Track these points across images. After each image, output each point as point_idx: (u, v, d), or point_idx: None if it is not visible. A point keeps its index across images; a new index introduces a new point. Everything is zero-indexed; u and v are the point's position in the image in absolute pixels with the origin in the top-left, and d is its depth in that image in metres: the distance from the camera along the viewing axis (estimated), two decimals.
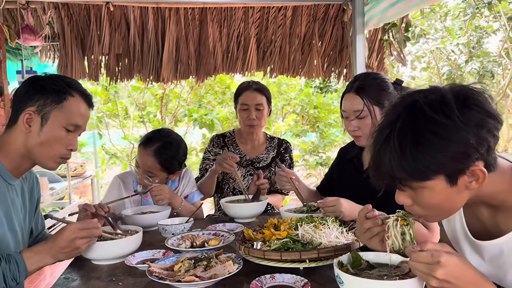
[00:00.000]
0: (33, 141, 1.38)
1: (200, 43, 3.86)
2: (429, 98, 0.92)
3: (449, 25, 6.97)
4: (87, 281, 1.33)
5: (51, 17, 3.60)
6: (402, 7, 2.88)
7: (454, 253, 0.93)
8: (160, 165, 2.03)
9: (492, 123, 0.90)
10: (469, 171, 0.92)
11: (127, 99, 6.42)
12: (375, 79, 1.78)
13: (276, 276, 1.24)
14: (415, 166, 0.91)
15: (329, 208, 1.60)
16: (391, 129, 0.94)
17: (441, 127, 0.89)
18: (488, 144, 0.90)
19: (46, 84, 1.41)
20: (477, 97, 0.91)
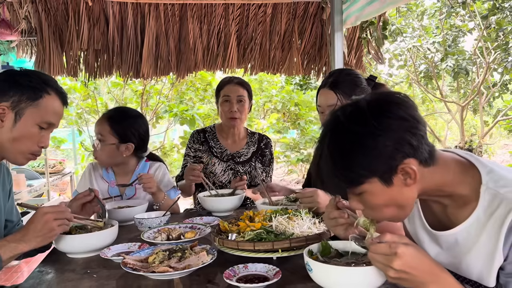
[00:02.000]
0: (5, 136, 1.37)
1: (180, 39, 3.85)
2: (347, 111, 1.02)
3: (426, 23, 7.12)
4: (62, 273, 1.34)
5: (28, 11, 3.54)
6: (378, 6, 2.94)
7: (411, 244, 0.98)
8: (110, 127, 2.06)
9: (407, 124, 0.97)
10: (400, 170, 0.98)
11: (107, 95, 6.36)
12: (349, 74, 1.83)
13: (249, 266, 1.27)
14: (346, 174, 1.00)
15: (306, 198, 1.64)
16: (322, 146, 1.04)
17: (359, 136, 0.97)
18: (409, 143, 0.97)
19: (22, 80, 1.40)
20: (391, 104, 1.00)
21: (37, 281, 1.29)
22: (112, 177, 2.19)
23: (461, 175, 1.05)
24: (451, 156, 1.09)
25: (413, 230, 1.23)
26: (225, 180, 2.46)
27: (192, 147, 2.52)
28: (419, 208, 1.19)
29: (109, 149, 2.06)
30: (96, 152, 2.09)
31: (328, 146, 1.02)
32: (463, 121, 8.51)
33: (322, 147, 1.04)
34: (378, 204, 1.03)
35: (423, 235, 1.18)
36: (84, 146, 6.16)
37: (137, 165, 2.22)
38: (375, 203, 1.03)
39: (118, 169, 2.20)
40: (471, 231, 1.02)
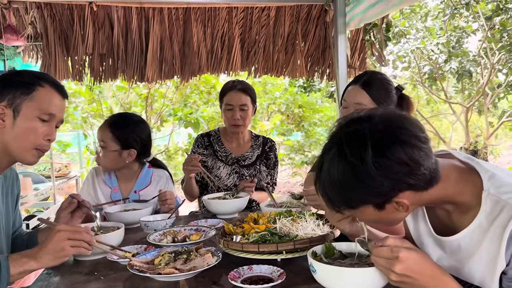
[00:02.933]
0: (9, 136, 1.39)
1: (184, 43, 3.88)
2: (350, 134, 1.00)
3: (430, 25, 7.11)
4: (69, 275, 1.36)
5: (34, 16, 3.58)
6: (382, 8, 2.95)
7: (413, 248, 0.99)
8: (112, 134, 2.08)
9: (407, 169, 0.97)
10: (393, 201, 1.00)
11: (112, 99, 6.40)
12: (382, 79, 1.84)
13: (253, 267, 1.29)
14: (342, 199, 1.03)
15: (311, 196, 1.65)
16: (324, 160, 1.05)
17: (358, 172, 0.97)
18: (407, 183, 0.98)
19: (13, 78, 1.42)
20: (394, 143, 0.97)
21: (45, 283, 1.31)
22: (115, 182, 2.20)
23: (462, 184, 1.05)
24: (451, 165, 1.09)
25: (417, 235, 1.24)
26: (230, 184, 2.47)
27: (196, 151, 2.54)
28: (425, 213, 1.20)
29: (111, 155, 2.09)
30: (99, 158, 2.11)
31: (328, 171, 1.02)
32: (468, 122, 8.48)
33: (322, 169, 1.05)
34: (373, 220, 1.09)
35: (428, 240, 1.19)
36: (89, 150, 6.20)
37: (140, 171, 2.23)
38: (370, 219, 1.09)
39: (121, 174, 2.22)
40: (473, 237, 1.03)
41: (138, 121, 2.21)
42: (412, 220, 1.25)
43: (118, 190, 2.18)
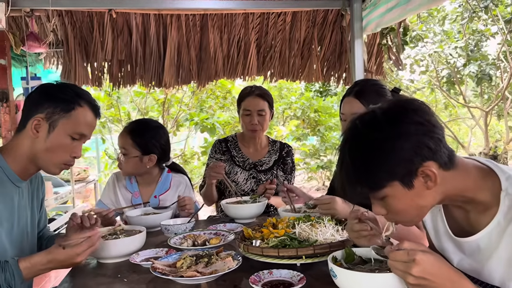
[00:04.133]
0: (39, 147, 1.43)
1: (201, 49, 3.93)
2: (364, 119, 1.06)
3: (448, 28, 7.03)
4: (94, 277, 1.40)
5: (55, 24, 3.67)
6: (399, 12, 2.94)
7: (429, 251, 0.99)
8: (132, 141, 2.12)
9: (424, 129, 1.00)
10: (420, 173, 1.00)
11: (130, 104, 6.50)
12: (374, 85, 1.85)
13: (273, 272, 1.30)
14: (368, 179, 1.04)
15: (324, 205, 1.66)
16: (342, 154, 1.08)
17: (377, 141, 1.01)
18: (427, 146, 0.99)
19: (56, 93, 1.46)
20: (406, 110, 1.03)
21: (71, 284, 1.35)
22: (135, 187, 2.24)
23: (481, 180, 1.06)
24: (471, 162, 1.10)
25: (437, 240, 1.24)
26: (247, 189, 2.49)
27: (214, 157, 2.56)
28: (443, 215, 1.20)
29: (133, 161, 2.13)
30: (121, 165, 2.15)
31: (349, 154, 1.05)
32: (487, 127, 8.33)
33: (342, 156, 1.07)
34: (400, 207, 1.06)
35: (447, 243, 1.18)
36: (108, 154, 6.30)
37: (160, 176, 2.27)
38: (398, 207, 1.06)
39: (142, 179, 2.25)
40: (492, 237, 1.03)
41: (157, 126, 2.26)
42: (432, 225, 1.25)
43: (138, 195, 2.21)
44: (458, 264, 1.15)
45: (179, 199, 2.09)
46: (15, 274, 1.27)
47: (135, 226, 1.75)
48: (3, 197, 1.40)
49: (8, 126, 3.47)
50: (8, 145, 1.48)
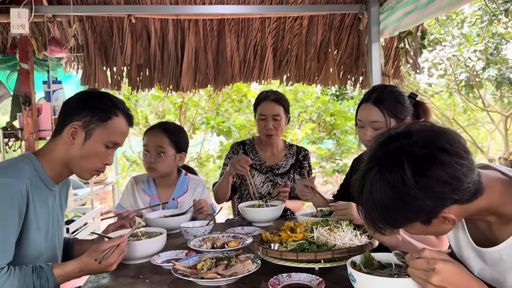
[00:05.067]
0: (74, 153, 1.47)
1: (218, 53, 3.97)
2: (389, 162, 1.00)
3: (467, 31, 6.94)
4: (116, 278, 1.43)
5: (76, 29, 3.76)
6: (417, 16, 2.92)
7: (450, 260, 0.99)
8: (169, 139, 2.18)
9: (450, 188, 0.97)
10: (439, 216, 1.01)
11: (147, 107, 6.58)
12: (393, 92, 1.82)
13: (292, 275, 1.31)
14: (386, 221, 1.04)
15: (340, 211, 1.66)
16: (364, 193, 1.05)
17: (400, 193, 0.98)
18: (452, 199, 0.98)
19: (94, 102, 1.50)
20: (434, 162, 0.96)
21: (95, 284, 1.38)
22: (154, 190, 2.27)
23: (506, 194, 1.05)
24: (494, 176, 1.08)
25: (458, 248, 1.23)
26: (264, 192, 2.50)
27: (231, 157, 2.59)
28: (464, 225, 1.19)
29: (169, 160, 2.18)
30: (154, 164, 2.16)
31: (370, 195, 1.03)
32: (507, 131, 8.17)
33: (363, 193, 1.05)
34: (418, 233, 1.09)
35: (469, 252, 1.18)
36: (126, 157, 6.39)
37: (178, 178, 2.30)
38: (414, 233, 1.10)
39: (162, 182, 2.28)
40: None
41: (181, 127, 2.37)
42: (453, 233, 1.24)
43: (157, 198, 2.24)
44: (479, 273, 1.14)
45: (194, 203, 2.11)
46: (49, 280, 1.32)
47: (155, 228, 1.78)
48: (41, 201, 1.45)
49: (31, 129, 3.56)
50: (43, 149, 1.52)
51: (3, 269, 1.26)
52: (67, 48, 3.71)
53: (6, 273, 1.25)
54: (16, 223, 1.33)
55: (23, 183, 1.36)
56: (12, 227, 1.32)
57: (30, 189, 1.38)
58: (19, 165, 1.41)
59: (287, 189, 2.31)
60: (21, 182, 1.35)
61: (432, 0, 2.65)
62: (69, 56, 3.98)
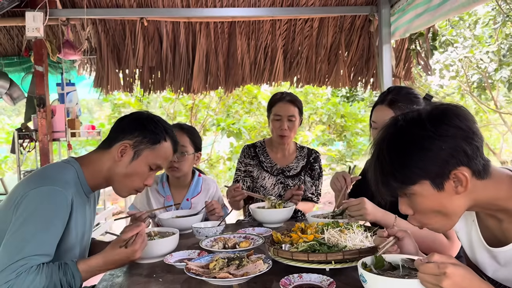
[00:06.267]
0: (119, 170, 1.51)
1: (228, 55, 4.00)
2: (407, 116, 1.08)
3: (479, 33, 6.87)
4: (130, 277, 1.45)
5: (89, 32, 3.82)
6: (428, 18, 2.92)
7: (460, 264, 0.99)
8: (189, 139, 2.22)
9: (464, 134, 1.01)
10: (452, 176, 1.01)
11: (159, 109, 6.64)
12: (408, 94, 1.82)
13: (303, 276, 1.32)
14: (402, 172, 1.05)
15: (353, 207, 1.66)
16: (380, 146, 1.09)
17: (417, 137, 1.03)
18: (464, 151, 1.00)
19: (148, 124, 1.54)
20: (449, 113, 1.04)
21: (109, 283, 1.41)
22: (167, 191, 2.28)
23: None
24: (505, 171, 1.10)
25: (471, 250, 1.24)
26: (275, 194, 2.51)
27: (243, 161, 2.60)
28: (477, 225, 1.19)
29: (190, 159, 2.22)
30: (178, 163, 2.18)
31: (387, 145, 1.07)
32: None
33: (380, 147, 1.10)
34: (427, 208, 1.07)
35: (482, 254, 1.18)
36: None
37: (192, 179, 2.32)
38: (424, 207, 1.07)
39: (177, 182, 2.29)
40: None
41: (194, 128, 2.40)
42: (466, 236, 1.25)
43: (171, 199, 2.26)
44: (493, 274, 1.14)
45: (206, 204, 2.14)
46: (75, 276, 1.35)
47: (168, 228, 1.81)
48: (80, 208, 1.49)
49: (45, 130, 3.62)
50: (88, 159, 1.55)
51: (32, 267, 1.29)
52: (81, 51, 3.77)
53: (35, 270, 1.29)
54: (59, 229, 1.37)
55: (70, 193, 1.40)
56: (54, 232, 1.36)
57: (74, 199, 1.43)
58: (66, 174, 1.45)
59: (300, 192, 2.32)
60: (68, 192, 1.39)
61: (443, 2, 2.65)
62: (82, 58, 4.04)
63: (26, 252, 1.28)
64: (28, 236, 1.30)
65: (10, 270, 1.26)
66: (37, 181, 1.40)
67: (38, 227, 1.32)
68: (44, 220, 1.33)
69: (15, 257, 1.27)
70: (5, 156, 8.81)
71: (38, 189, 1.36)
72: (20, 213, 1.33)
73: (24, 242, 1.30)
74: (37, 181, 1.40)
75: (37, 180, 1.40)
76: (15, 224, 1.32)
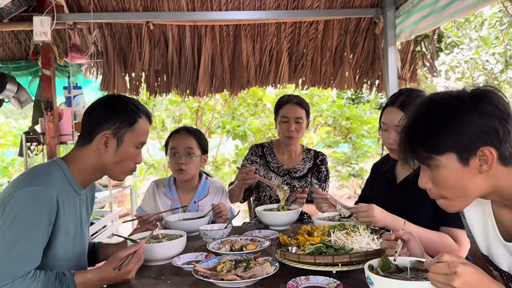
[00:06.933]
0: (109, 160, 1.54)
1: (234, 58, 4.02)
2: (447, 91, 1.13)
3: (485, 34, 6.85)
4: (139, 279, 1.47)
5: (96, 36, 3.85)
6: (434, 20, 2.91)
7: (469, 263, 1.00)
8: (196, 141, 2.25)
9: (500, 114, 1.05)
10: (479, 153, 1.04)
11: (164, 112, 6.67)
12: (419, 96, 1.80)
13: (310, 278, 1.33)
14: (431, 142, 1.09)
15: (362, 213, 1.66)
16: (415, 116, 1.14)
17: (455, 109, 1.08)
18: (496, 131, 1.04)
19: (119, 108, 1.55)
20: (489, 93, 1.08)
21: (118, 284, 1.43)
22: (175, 194, 2.30)
23: None
24: None
25: (486, 246, 1.24)
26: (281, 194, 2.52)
27: (249, 159, 2.63)
28: (494, 221, 1.20)
29: (197, 161, 2.25)
30: (184, 165, 2.20)
31: (423, 115, 1.11)
32: None
33: (415, 116, 1.13)
34: (447, 182, 1.10)
35: (497, 249, 1.19)
36: (143, 161, 6.48)
37: (199, 181, 2.34)
38: (445, 180, 1.10)
39: (184, 185, 2.31)
40: None
41: (200, 131, 2.41)
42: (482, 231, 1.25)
43: (178, 202, 2.28)
44: (509, 269, 1.15)
45: (213, 207, 2.15)
46: (70, 287, 1.36)
47: (175, 230, 1.82)
48: (70, 205, 1.50)
49: (52, 134, 3.65)
50: (72, 156, 1.56)
51: (29, 273, 1.31)
52: (87, 55, 3.81)
53: (32, 277, 1.31)
54: (45, 230, 1.39)
55: (54, 191, 1.41)
56: (41, 234, 1.37)
57: (60, 196, 1.44)
58: (50, 173, 1.46)
59: (305, 195, 2.33)
60: (53, 191, 1.41)
61: (449, 3, 2.64)
62: (89, 62, 4.07)
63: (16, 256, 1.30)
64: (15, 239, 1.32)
65: (4, 275, 1.28)
66: (21, 182, 1.42)
67: (24, 229, 1.34)
68: (29, 221, 1.35)
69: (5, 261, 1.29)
70: (12, 159, 8.89)
71: (22, 190, 1.37)
72: (6, 215, 1.35)
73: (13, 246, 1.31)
74: (21, 182, 1.41)
75: (21, 181, 1.42)
76: (2, 227, 1.34)
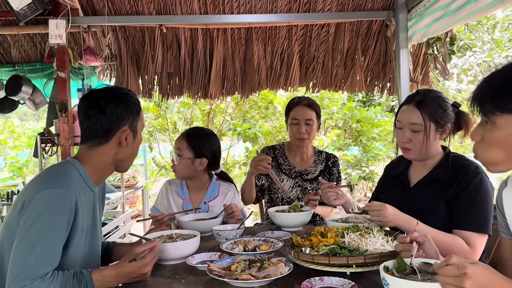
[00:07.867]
0: (127, 153, 1.58)
1: (245, 61, 4.04)
2: None
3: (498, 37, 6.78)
4: (154, 277, 1.49)
5: (110, 39, 3.91)
6: (446, 22, 2.90)
7: (479, 263, 1.00)
8: (187, 143, 2.27)
9: None
10: None
11: (176, 114, 6.73)
12: (436, 96, 1.82)
13: (324, 279, 1.33)
14: (501, 98, 1.11)
15: (374, 212, 1.66)
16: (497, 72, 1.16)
17: None
18: None
19: (128, 102, 1.57)
20: None
21: (132, 284, 1.45)
22: (186, 193, 2.35)
23: None
24: None
25: None
26: (293, 196, 2.54)
27: None
28: None
29: (185, 163, 2.26)
30: (175, 166, 2.29)
31: (504, 72, 1.13)
32: None
33: (496, 72, 1.16)
34: (498, 141, 1.12)
35: None
36: (155, 162, 6.53)
37: (209, 183, 2.37)
38: (496, 138, 1.12)
39: (193, 185, 2.36)
40: None
41: (210, 133, 2.41)
42: None
43: (189, 201, 2.33)
44: None
45: (225, 208, 2.17)
46: (88, 285, 1.38)
47: (189, 230, 1.84)
48: (86, 204, 1.53)
49: (66, 135, 3.70)
50: (86, 156, 1.56)
51: (48, 274, 1.33)
52: (101, 57, 3.86)
53: (50, 277, 1.33)
54: (64, 232, 1.41)
55: (74, 193, 1.43)
56: (60, 236, 1.39)
57: (79, 197, 1.46)
58: (68, 175, 1.48)
59: (317, 197, 2.33)
60: (72, 193, 1.42)
61: (461, 6, 2.63)
62: (102, 64, 4.12)
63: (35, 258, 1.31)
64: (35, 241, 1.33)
65: (24, 276, 1.29)
66: (41, 184, 1.43)
67: (44, 231, 1.35)
68: (49, 223, 1.36)
69: (25, 262, 1.31)
70: (26, 160, 9.03)
71: (41, 192, 1.38)
72: (27, 217, 1.36)
73: (33, 248, 1.33)
74: (41, 184, 1.42)
75: (41, 184, 1.43)
76: (22, 229, 1.35)
